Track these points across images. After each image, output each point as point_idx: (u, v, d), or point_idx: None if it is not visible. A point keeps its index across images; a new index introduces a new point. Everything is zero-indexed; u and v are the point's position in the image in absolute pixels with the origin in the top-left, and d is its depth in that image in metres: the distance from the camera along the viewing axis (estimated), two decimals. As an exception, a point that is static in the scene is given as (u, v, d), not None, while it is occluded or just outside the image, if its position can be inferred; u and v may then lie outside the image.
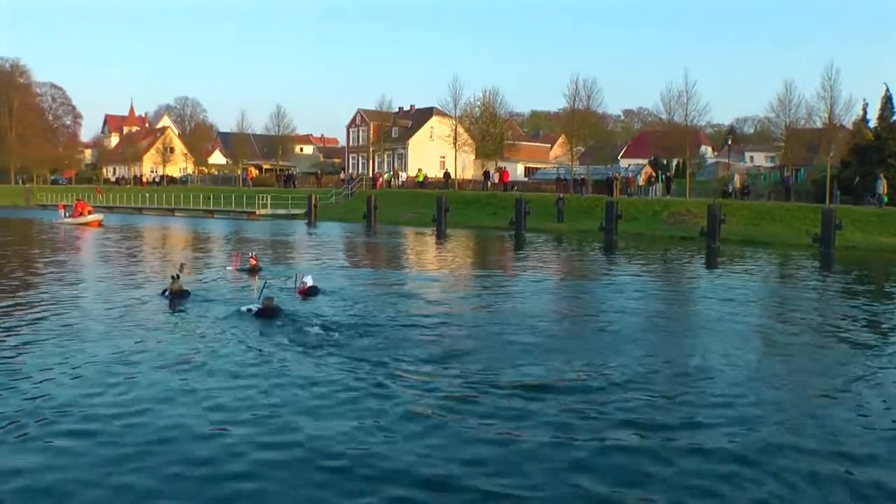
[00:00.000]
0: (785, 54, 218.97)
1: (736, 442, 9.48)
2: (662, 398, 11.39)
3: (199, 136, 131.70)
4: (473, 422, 10.15)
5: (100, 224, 58.79)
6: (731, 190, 62.99)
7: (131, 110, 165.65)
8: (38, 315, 17.40)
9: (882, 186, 52.15)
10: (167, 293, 19.23)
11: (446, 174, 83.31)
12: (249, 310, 16.84)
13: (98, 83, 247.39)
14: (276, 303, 16.94)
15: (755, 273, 31.37)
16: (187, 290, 19.33)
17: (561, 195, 61.71)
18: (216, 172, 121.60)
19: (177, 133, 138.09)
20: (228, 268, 25.49)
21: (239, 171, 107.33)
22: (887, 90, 62.33)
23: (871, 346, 15.78)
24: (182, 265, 22.24)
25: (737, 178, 65.43)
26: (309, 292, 19.64)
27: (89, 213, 61.67)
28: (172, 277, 19.56)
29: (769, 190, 65.76)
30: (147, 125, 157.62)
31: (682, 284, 28.74)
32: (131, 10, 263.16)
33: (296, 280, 20.64)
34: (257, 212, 76.48)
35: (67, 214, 62.96)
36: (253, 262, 25.04)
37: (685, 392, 11.80)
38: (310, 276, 20.66)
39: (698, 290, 26.42)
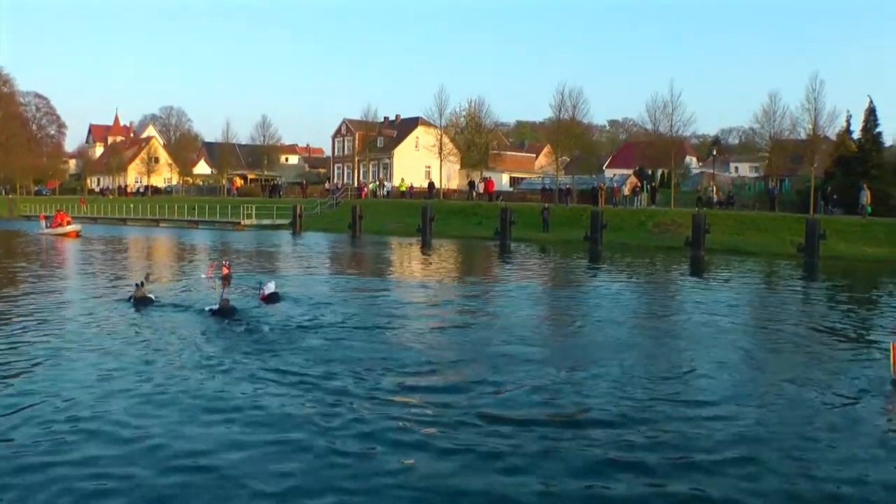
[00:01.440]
0: (770, 66, 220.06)
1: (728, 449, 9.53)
2: (641, 407, 11.44)
3: (183, 145, 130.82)
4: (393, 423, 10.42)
5: (77, 235, 58.83)
6: (707, 199, 62.80)
7: (116, 120, 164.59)
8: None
9: (865, 197, 52.32)
10: (132, 299, 20.49)
11: (430, 184, 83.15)
12: (210, 309, 18.62)
13: (83, 92, 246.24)
14: (231, 304, 18.67)
15: (739, 282, 31.50)
16: (151, 297, 20.57)
17: (546, 205, 61.63)
18: (201, 183, 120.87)
19: (162, 143, 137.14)
20: (203, 276, 25.79)
21: (224, 182, 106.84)
22: (871, 102, 62.32)
23: (857, 354, 16.00)
24: (147, 274, 23.41)
25: (714, 187, 65.40)
26: (270, 298, 20.77)
27: (67, 223, 61.82)
28: (137, 285, 21.03)
29: (754, 200, 65.77)
30: (132, 135, 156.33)
31: (667, 293, 28.74)
32: (116, 18, 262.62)
33: (259, 287, 21.74)
34: (242, 222, 75.93)
35: (48, 225, 63.14)
36: (225, 270, 25.71)
37: (669, 398, 11.88)
38: (272, 284, 21.86)
39: (683, 299, 26.42)
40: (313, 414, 10.88)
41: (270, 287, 21.45)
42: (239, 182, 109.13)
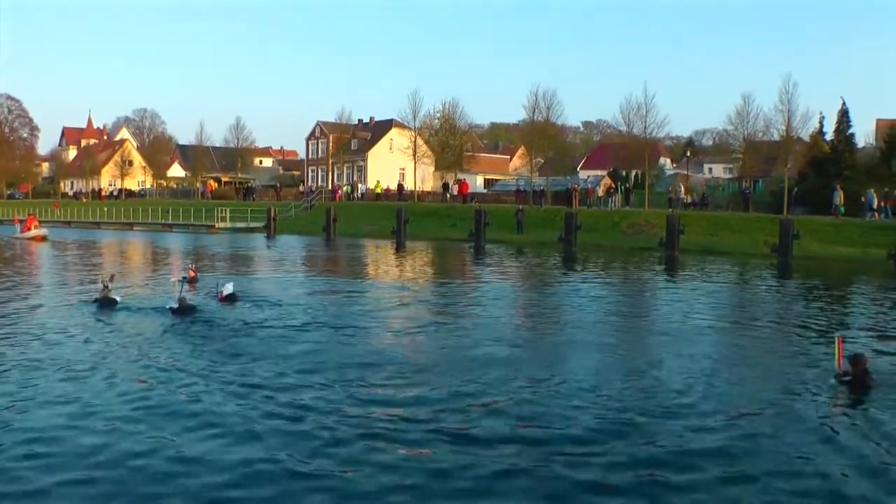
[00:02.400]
0: (743, 68, 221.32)
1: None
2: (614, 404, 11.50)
3: (157, 148, 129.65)
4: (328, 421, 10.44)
5: (44, 238, 58.59)
6: (677, 199, 62.81)
7: (89, 122, 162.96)
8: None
9: (839, 198, 52.71)
10: (96, 300, 21.04)
11: (399, 186, 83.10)
12: (169, 308, 19.55)
13: (56, 95, 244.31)
14: (189, 303, 19.75)
15: (713, 282, 31.65)
16: (115, 298, 21.00)
17: (521, 206, 61.50)
18: (175, 185, 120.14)
19: (135, 146, 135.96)
20: (172, 279, 25.89)
21: (198, 184, 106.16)
22: (843, 104, 62.57)
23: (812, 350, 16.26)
24: (112, 275, 23.47)
25: (682, 188, 65.62)
26: (228, 299, 21.61)
27: (35, 227, 61.82)
28: (103, 286, 21.44)
29: (728, 201, 65.97)
30: (105, 137, 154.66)
31: (640, 294, 28.88)
32: (89, 20, 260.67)
33: (217, 288, 22.57)
34: (216, 225, 75.58)
35: (21, 229, 62.82)
36: (192, 273, 26.72)
37: (640, 396, 11.94)
38: (230, 285, 22.54)
39: (655, 298, 26.65)
40: (254, 414, 10.92)
41: (229, 288, 22.18)
42: (213, 185, 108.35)
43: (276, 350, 15.23)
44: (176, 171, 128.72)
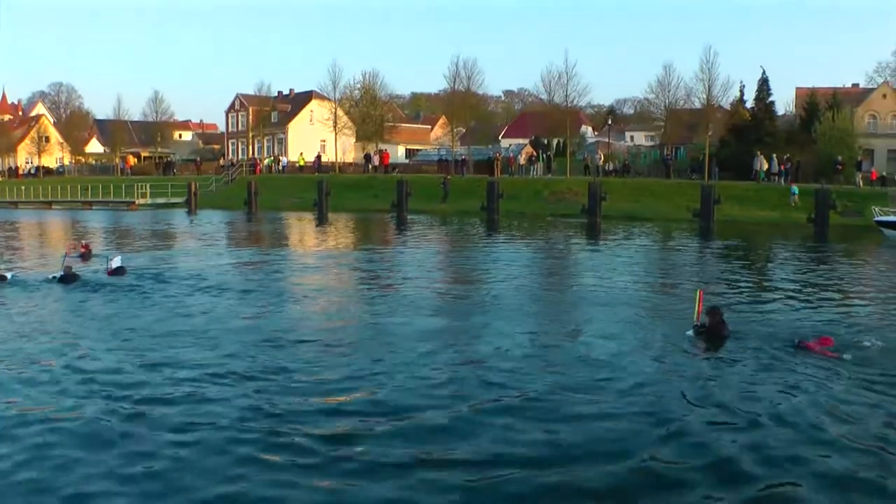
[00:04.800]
0: (665, 38, 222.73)
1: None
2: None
3: (74, 123, 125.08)
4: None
5: None
6: (595, 167, 62.95)
7: (3, 98, 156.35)
8: None
9: (759, 163, 53.63)
10: None
11: (318, 158, 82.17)
12: (53, 277, 20.40)
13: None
14: (73, 271, 20.58)
15: (632, 246, 32.14)
16: (5, 276, 20.91)
17: (446, 176, 60.87)
18: (94, 162, 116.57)
19: (52, 121, 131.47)
20: (64, 254, 25.17)
21: (117, 160, 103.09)
22: (763, 73, 63.78)
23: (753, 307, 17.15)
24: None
25: (601, 155, 66.05)
26: (116, 272, 21.76)
27: None
28: None
29: (649, 168, 66.48)
30: (20, 113, 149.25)
31: (560, 259, 28.89)
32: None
33: (107, 261, 22.93)
34: (136, 202, 73.17)
35: None
36: (83, 249, 27.12)
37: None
38: (118, 258, 22.97)
39: (575, 264, 27.06)
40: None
41: (117, 261, 22.56)
42: (132, 160, 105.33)
43: (165, 325, 14.71)
44: (94, 146, 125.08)
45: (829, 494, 7.23)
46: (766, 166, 53.86)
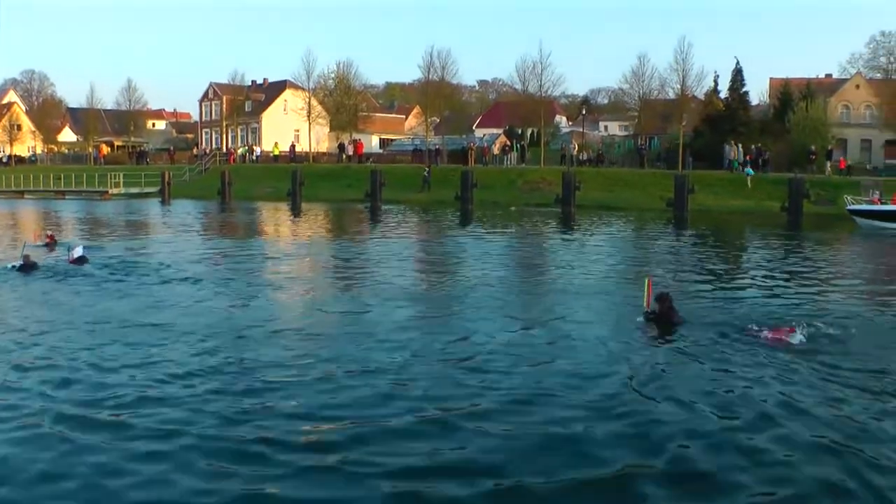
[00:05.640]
0: (639, 28, 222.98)
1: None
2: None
3: (47, 111, 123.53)
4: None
5: None
6: (570, 157, 63.01)
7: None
8: None
9: (731, 153, 53.92)
10: None
11: (292, 147, 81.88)
12: (13, 266, 20.32)
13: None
14: (32, 260, 20.61)
15: (606, 236, 32.31)
16: None
17: (428, 166, 60.56)
18: (67, 151, 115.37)
19: (24, 109, 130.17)
20: (28, 243, 25.09)
21: (90, 149, 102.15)
22: (738, 63, 64.22)
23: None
24: None
25: (575, 145, 66.21)
26: (78, 261, 21.71)
27: None
28: None
29: (623, 158, 66.61)
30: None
31: (532, 249, 28.86)
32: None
33: (68, 251, 22.75)
34: (110, 191, 72.41)
35: None
36: (48, 238, 27.16)
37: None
38: (80, 248, 22.85)
39: (547, 253, 26.94)
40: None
41: (78, 251, 22.42)
42: (105, 149, 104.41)
43: (126, 315, 14.39)
44: (67, 135, 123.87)
45: (773, 483, 7.17)
46: (737, 155, 54.12)
